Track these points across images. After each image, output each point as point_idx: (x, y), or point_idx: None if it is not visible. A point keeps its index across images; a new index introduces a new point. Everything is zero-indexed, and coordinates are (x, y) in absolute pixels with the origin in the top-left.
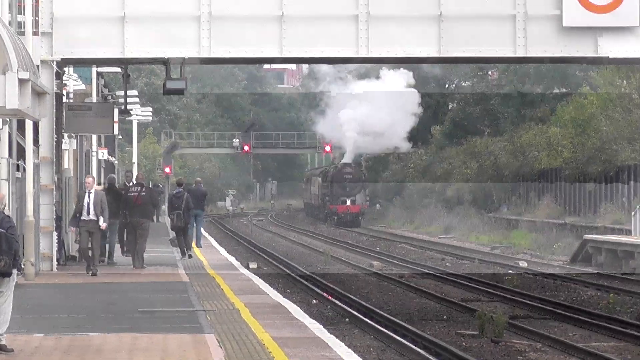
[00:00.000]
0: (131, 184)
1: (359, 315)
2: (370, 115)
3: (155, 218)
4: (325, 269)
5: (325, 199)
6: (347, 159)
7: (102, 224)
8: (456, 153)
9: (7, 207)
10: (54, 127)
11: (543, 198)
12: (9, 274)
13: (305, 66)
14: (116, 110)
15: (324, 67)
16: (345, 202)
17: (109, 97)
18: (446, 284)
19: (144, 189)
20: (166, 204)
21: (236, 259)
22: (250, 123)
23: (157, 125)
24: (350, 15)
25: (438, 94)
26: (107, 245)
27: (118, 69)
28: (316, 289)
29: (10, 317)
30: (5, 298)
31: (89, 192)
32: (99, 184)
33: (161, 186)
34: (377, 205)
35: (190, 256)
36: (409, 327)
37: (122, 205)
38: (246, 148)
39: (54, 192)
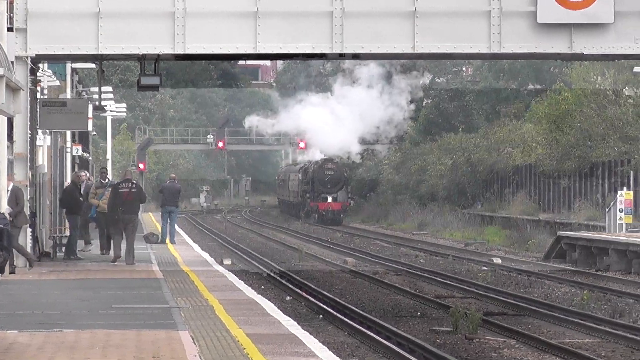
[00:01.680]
0: (106, 180)
1: (333, 311)
2: (371, 107)
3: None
4: (299, 265)
5: (306, 195)
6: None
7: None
8: (430, 149)
9: None
10: (29, 123)
11: (517, 194)
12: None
13: (279, 62)
14: (90, 106)
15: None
16: (326, 199)
17: (84, 93)
18: (420, 280)
19: (134, 186)
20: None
21: (210, 255)
22: (224, 119)
23: (132, 121)
24: (325, 12)
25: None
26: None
27: (93, 65)
28: (290, 286)
29: None
30: None
31: (8, 189)
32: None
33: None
34: (351, 201)
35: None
36: (383, 323)
37: (111, 201)
38: (220, 144)
39: (28, 189)
